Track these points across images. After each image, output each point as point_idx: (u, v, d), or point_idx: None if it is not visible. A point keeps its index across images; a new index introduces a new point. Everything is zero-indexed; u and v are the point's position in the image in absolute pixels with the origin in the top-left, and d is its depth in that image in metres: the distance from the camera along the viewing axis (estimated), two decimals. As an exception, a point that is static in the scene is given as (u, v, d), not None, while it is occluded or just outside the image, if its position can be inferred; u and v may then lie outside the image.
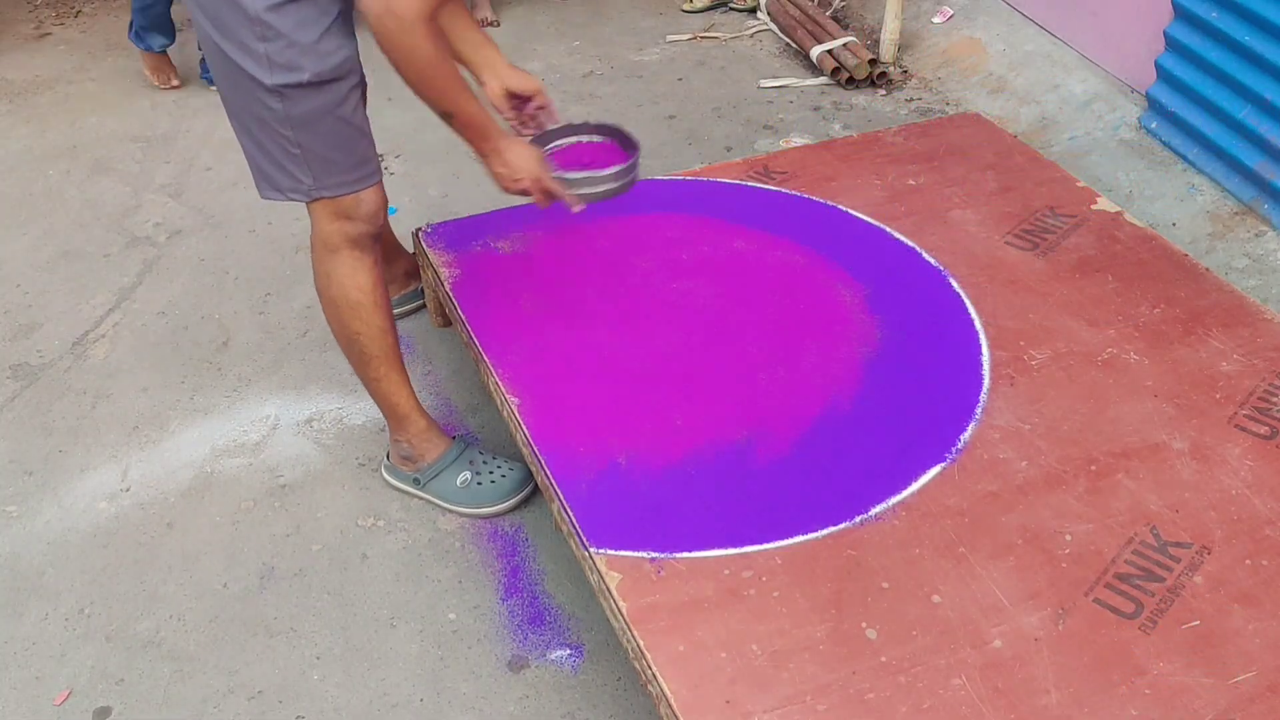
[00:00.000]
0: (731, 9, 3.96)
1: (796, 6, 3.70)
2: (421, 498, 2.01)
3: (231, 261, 2.68)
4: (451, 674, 1.74)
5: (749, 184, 2.42)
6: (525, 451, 1.83)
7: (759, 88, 3.44)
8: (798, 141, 3.11)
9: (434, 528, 1.98)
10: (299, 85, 1.56)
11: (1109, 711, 1.37)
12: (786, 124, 3.23)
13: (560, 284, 2.12)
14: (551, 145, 1.94)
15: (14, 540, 1.98)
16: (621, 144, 1.93)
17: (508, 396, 1.86)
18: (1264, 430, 1.78)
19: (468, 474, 1.98)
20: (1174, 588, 1.53)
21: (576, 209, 1.79)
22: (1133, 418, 1.80)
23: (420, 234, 2.26)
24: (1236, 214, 2.59)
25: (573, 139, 1.96)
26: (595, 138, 1.97)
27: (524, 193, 1.76)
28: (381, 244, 1.87)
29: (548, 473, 1.72)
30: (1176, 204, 2.68)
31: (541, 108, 1.91)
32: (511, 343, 1.97)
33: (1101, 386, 1.87)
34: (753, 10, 3.92)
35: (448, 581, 1.88)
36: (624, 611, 1.50)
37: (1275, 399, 1.84)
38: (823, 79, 3.45)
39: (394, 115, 3.07)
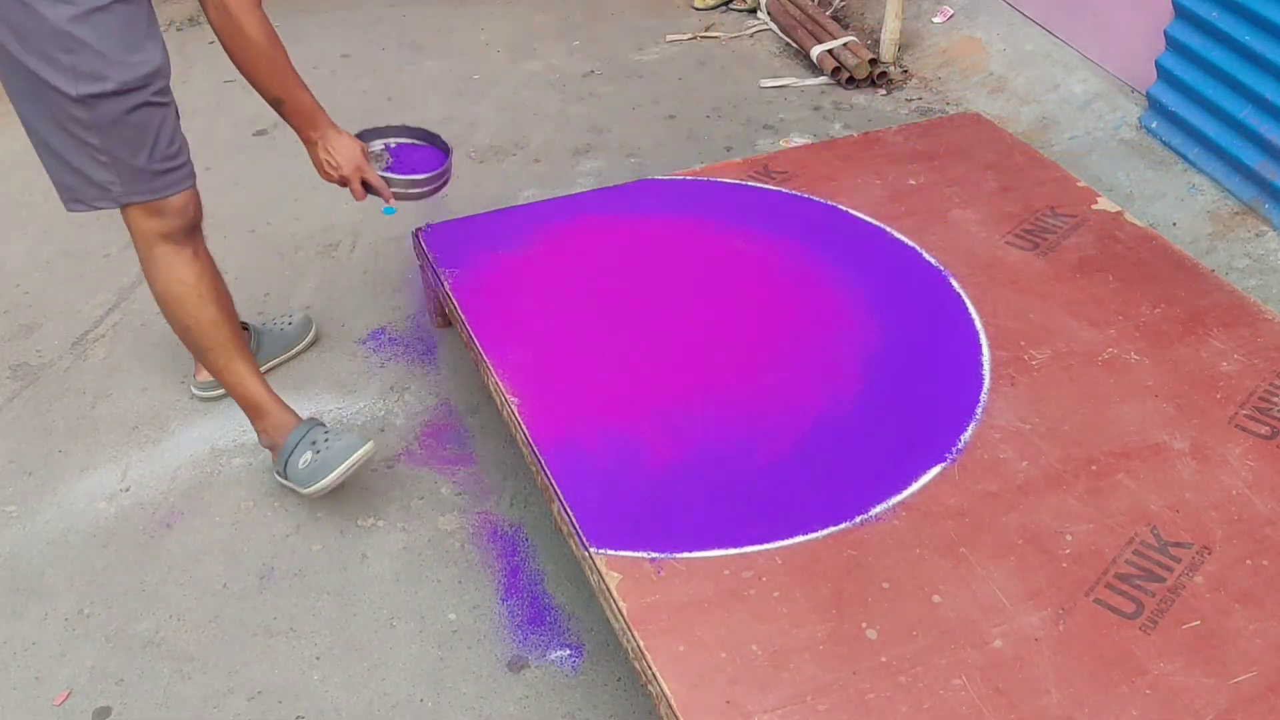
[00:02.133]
0: (731, 9, 3.96)
1: (797, 6, 3.70)
2: (289, 488, 1.98)
3: (231, 261, 2.68)
4: (451, 674, 1.74)
5: (749, 184, 2.42)
6: (525, 452, 1.83)
7: (759, 87, 3.44)
8: (798, 141, 3.11)
9: (434, 528, 1.98)
10: (103, 94, 1.60)
11: (1110, 711, 1.37)
12: (786, 124, 3.23)
13: (560, 284, 2.12)
14: (373, 142, 2.09)
15: (14, 540, 1.98)
16: (438, 147, 2.10)
17: (508, 396, 1.86)
18: (1264, 430, 1.78)
19: (309, 454, 1.92)
20: (1174, 588, 1.53)
21: (391, 204, 2.00)
22: (1133, 418, 1.80)
23: (420, 234, 2.25)
24: (1237, 214, 2.59)
25: (391, 140, 2.13)
26: (412, 140, 2.14)
27: (343, 182, 1.92)
28: (201, 237, 1.88)
29: (548, 473, 1.72)
30: (1177, 204, 2.68)
31: None
32: (511, 343, 1.97)
33: (1102, 386, 1.87)
34: (753, 10, 3.92)
35: (448, 581, 1.88)
36: (624, 611, 1.50)
37: (1276, 399, 1.83)
38: (823, 79, 3.45)
39: (394, 115, 3.07)
